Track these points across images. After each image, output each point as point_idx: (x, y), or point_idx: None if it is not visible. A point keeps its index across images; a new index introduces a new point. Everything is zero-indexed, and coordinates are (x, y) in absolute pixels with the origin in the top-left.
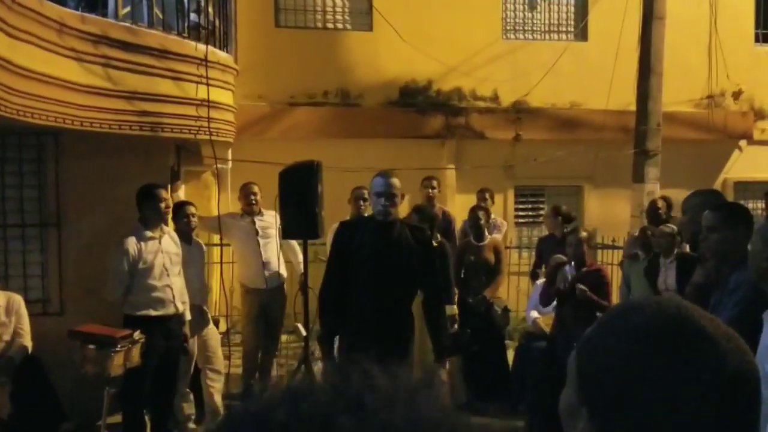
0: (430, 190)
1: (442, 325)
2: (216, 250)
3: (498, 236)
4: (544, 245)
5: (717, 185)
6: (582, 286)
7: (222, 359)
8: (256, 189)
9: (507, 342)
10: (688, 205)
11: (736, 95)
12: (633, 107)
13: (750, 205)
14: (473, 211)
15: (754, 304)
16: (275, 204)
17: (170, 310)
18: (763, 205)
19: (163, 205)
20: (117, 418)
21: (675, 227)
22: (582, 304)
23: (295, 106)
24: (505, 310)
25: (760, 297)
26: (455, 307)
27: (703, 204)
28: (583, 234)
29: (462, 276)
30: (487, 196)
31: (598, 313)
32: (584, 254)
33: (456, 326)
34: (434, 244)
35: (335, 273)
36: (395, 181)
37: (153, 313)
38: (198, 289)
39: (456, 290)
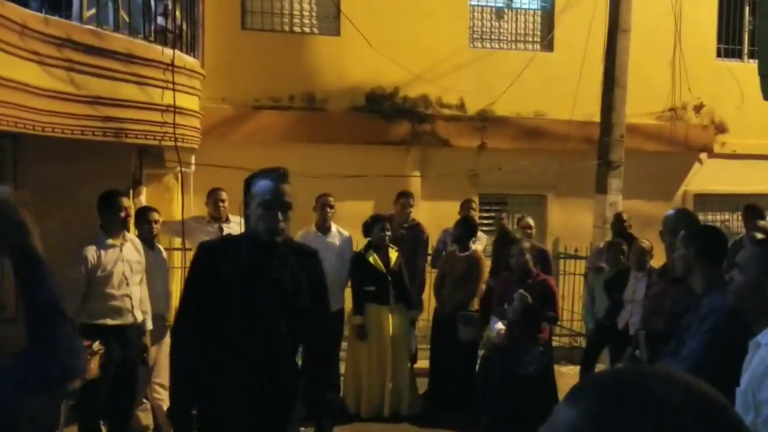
0: (409, 209)
1: (327, 384)
2: (177, 255)
3: (479, 247)
4: (499, 247)
5: (677, 197)
6: (523, 292)
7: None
8: (224, 195)
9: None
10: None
11: (698, 109)
12: (597, 118)
13: (709, 217)
14: (463, 221)
15: (727, 330)
16: (240, 210)
17: (128, 320)
18: (723, 217)
19: (123, 213)
20: (73, 430)
21: (650, 243)
22: (527, 315)
23: (260, 109)
24: (476, 320)
25: (734, 323)
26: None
27: (678, 223)
28: (526, 244)
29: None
30: (473, 206)
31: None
32: (527, 264)
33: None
34: (395, 252)
35: (192, 316)
36: (288, 186)
37: (110, 322)
38: (162, 296)
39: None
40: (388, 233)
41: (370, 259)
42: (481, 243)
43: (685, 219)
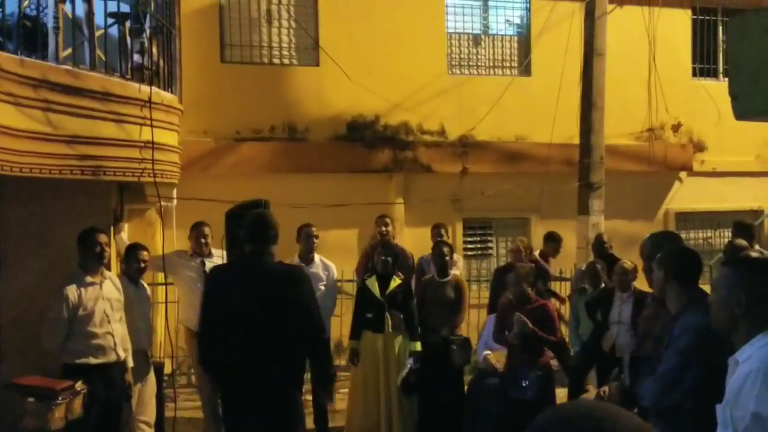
0: (383, 228)
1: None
2: (160, 290)
3: (457, 271)
4: (499, 278)
5: (659, 216)
6: (522, 317)
7: (154, 410)
8: (207, 231)
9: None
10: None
11: (676, 128)
12: (576, 140)
13: (690, 235)
14: (438, 246)
15: (698, 351)
16: (222, 244)
17: (111, 358)
18: (705, 235)
19: (98, 249)
20: None
21: (633, 264)
22: (527, 340)
23: (242, 141)
24: (467, 345)
25: (705, 344)
26: (419, 343)
27: (655, 247)
28: (522, 271)
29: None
30: (443, 231)
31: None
32: (525, 291)
33: (417, 364)
34: (398, 280)
35: None
36: None
37: (93, 361)
38: (144, 332)
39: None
40: (389, 259)
41: (369, 285)
42: (458, 268)
43: (665, 243)
